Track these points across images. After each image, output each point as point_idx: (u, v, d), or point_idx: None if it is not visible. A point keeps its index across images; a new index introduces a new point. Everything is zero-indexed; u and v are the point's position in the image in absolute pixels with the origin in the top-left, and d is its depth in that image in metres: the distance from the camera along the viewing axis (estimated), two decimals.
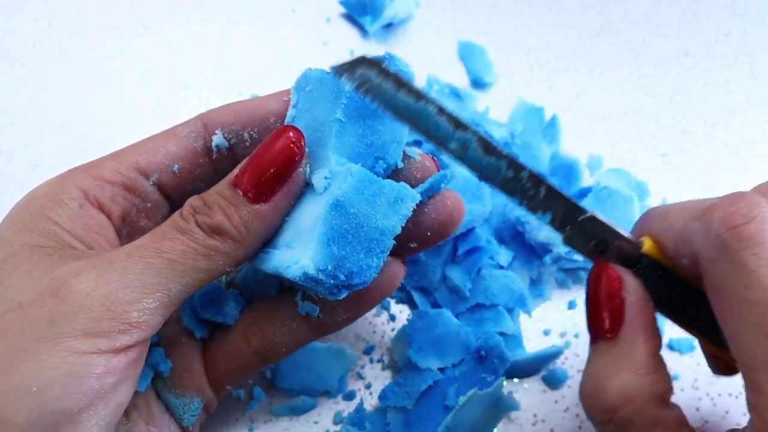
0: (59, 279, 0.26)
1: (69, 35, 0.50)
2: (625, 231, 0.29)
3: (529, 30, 0.51)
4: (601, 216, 0.29)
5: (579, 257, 0.41)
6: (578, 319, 0.40)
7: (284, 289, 0.34)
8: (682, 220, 0.28)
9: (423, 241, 0.32)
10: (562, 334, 0.39)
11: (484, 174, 0.29)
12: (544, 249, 0.40)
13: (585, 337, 0.38)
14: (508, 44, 0.50)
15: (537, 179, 0.29)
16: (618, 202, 0.41)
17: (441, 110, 0.28)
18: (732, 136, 0.47)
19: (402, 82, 0.28)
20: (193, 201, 0.29)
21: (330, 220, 0.27)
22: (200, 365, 0.33)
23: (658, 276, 0.29)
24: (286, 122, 0.31)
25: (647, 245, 0.29)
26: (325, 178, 0.29)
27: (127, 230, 0.32)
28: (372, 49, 0.50)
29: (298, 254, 0.28)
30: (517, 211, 0.41)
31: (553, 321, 0.40)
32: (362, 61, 0.28)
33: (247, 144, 0.32)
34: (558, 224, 0.29)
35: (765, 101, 0.48)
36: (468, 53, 0.49)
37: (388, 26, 0.50)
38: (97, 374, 0.25)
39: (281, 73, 0.49)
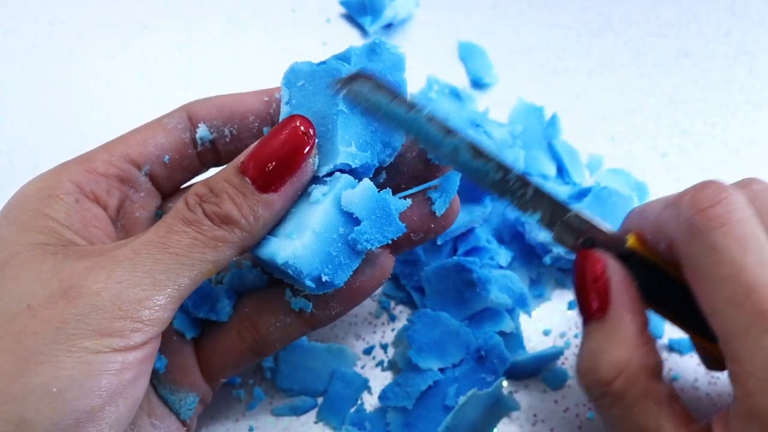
0: (68, 281, 0.26)
1: (69, 35, 0.50)
2: (609, 228, 0.31)
3: (529, 30, 0.51)
4: (586, 214, 0.31)
5: None
6: (578, 319, 0.40)
7: (273, 283, 0.34)
8: (656, 210, 0.30)
9: (416, 243, 0.33)
10: (562, 334, 0.39)
11: (475, 177, 0.30)
12: (544, 249, 0.40)
13: None
14: (508, 44, 0.50)
15: (524, 181, 0.30)
16: (618, 202, 0.41)
17: (431, 119, 0.30)
18: (732, 136, 0.46)
19: (394, 95, 0.30)
20: (198, 189, 0.28)
21: (323, 221, 0.28)
22: (194, 362, 0.33)
23: (647, 271, 0.30)
24: (281, 119, 0.31)
25: (631, 241, 0.31)
26: (325, 174, 0.29)
27: (122, 222, 0.32)
28: None
29: (294, 246, 0.28)
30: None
31: (553, 321, 0.40)
32: (356, 77, 0.29)
33: (227, 140, 0.33)
34: (547, 222, 0.31)
35: (765, 101, 0.48)
36: (468, 53, 0.49)
37: (388, 26, 0.50)
38: (114, 371, 0.25)
39: (281, 74, 0.48)
